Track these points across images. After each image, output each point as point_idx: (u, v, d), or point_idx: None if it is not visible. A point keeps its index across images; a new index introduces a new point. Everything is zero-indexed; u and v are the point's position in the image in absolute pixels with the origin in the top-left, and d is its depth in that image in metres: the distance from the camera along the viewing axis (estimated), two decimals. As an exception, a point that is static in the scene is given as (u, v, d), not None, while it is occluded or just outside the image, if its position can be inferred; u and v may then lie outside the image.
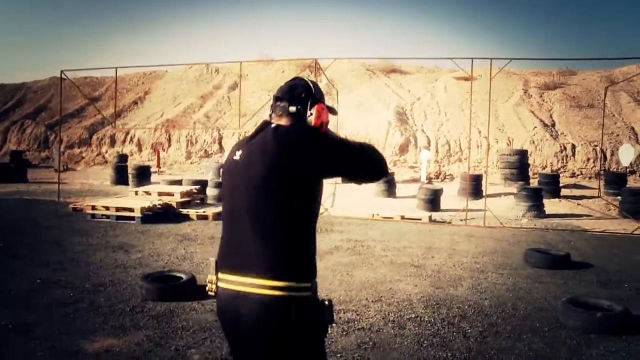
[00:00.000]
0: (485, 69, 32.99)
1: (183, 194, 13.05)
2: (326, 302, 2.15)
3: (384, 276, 7.06)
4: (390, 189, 17.15)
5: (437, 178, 21.80)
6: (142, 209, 11.47)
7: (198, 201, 13.62)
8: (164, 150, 28.22)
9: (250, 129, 21.56)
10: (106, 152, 29.98)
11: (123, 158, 25.67)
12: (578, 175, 21.54)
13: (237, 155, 2.26)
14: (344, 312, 5.57)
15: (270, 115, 2.33)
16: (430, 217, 11.98)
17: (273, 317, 2.05)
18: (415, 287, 6.56)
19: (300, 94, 2.29)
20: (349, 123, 25.92)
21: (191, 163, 27.56)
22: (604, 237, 10.43)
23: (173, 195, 12.98)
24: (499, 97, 27.55)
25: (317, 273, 2.21)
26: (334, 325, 5.02)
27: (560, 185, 19.54)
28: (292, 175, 2.09)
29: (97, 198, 14.33)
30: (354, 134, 25.05)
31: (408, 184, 19.24)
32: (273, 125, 2.22)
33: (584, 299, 5.58)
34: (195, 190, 13.69)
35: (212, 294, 2.27)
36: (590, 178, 21.30)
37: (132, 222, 11.30)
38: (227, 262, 2.20)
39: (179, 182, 16.22)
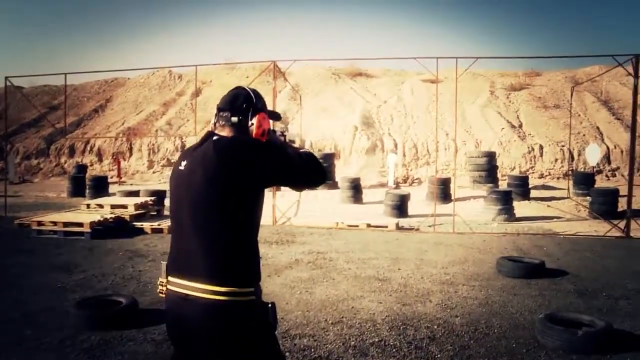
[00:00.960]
0: (451, 70, 32.92)
1: (137, 206, 12.33)
2: (269, 305, 2.25)
3: (346, 293, 6.50)
4: (357, 195, 16.64)
5: (405, 182, 21.38)
6: (92, 224, 10.73)
7: (154, 213, 12.91)
8: (124, 159, 27.28)
9: None
10: (65, 162, 28.86)
11: (81, 169, 24.74)
12: (546, 175, 21.35)
13: (182, 165, 2.33)
14: (299, 338, 4.98)
15: (215, 125, 2.39)
16: (397, 225, 11.47)
17: (216, 321, 2.13)
18: (380, 305, 6.01)
19: (241, 104, 2.35)
20: (314, 128, 25.40)
21: (153, 172, 26.69)
22: (576, 241, 10.05)
23: (127, 207, 12.26)
24: (466, 98, 27.33)
25: (267, 287, 2.31)
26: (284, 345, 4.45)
27: (530, 186, 19.33)
28: (231, 185, 2.17)
29: (49, 212, 13.47)
30: (320, 139, 24.54)
31: (375, 189, 18.76)
32: (215, 138, 2.29)
33: (562, 314, 5.09)
34: (150, 202, 12.98)
35: (162, 295, 2.35)
36: (558, 178, 21.13)
37: (82, 237, 10.56)
38: (175, 266, 2.29)
39: (136, 193, 15.48)
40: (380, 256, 8.62)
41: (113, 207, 12.45)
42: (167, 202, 14.44)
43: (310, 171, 2.37)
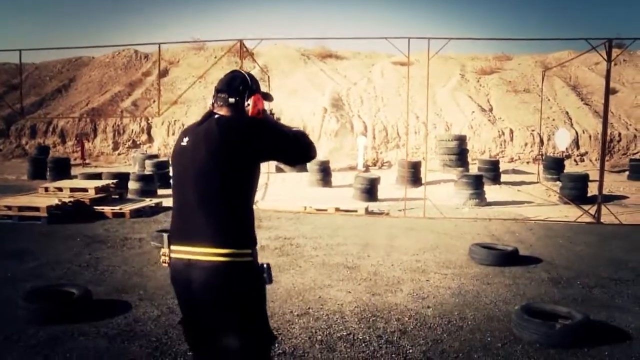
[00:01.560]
0: (423, 53, 32.66)
1: (98, 190, 11.82)
2: (264, 265, 2.50)
3: (313, 281, 6.21)
4: (326, 178, 16.34)
5: (375, 165, 21.16)
6: (49, 208, 10.24)
7: (116, 196, 12.41)
8: (88, 141, 26.47)
9: (180, 116, 20.15)
10: (26, 144, 27.87)
11: (43, 150, 23.89)
12: (516, 160, 21.34)
13: (185, 141, 2.58)
14: (263, 332, 4.67)
15: (213, 105, 2.62)
16: (366, 209, 11.22)
17: (219, 280, 2.39)
18: (349, 295, 5.73)
19: (238, 86, 2.58)
20: (284, 109, 24.96)
21: (119, 154, 25.98)
22: (548, 226, 9.93)
23: (87, 191, 11.75)
24: (437, 82, 27.13)
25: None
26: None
27: (501, 170, 19.28)
28: (231, 159, 2.43)
29: (5, 196, 12.85)
30: (289, 121, 24.12)
31: (345, 172, 18.48)
32: (216, 116, 2.55)
33: (539, 306, 4.88)
34: (113, 185, 12.47)
35: (166, 265, 2.57)
36: (528, 163, 21.14)
37: (38, 222, 10.05)
38: (178, 235, 2.52)
39: (99, 176, 14.93)
40: (349, 242, 8.35)
41: (73, 190, 11.90)
42: (131, 185, 13.98)
43: (303, 147, 2.62)
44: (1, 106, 32.19)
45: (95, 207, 11.09)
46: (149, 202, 12.10)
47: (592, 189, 15.02)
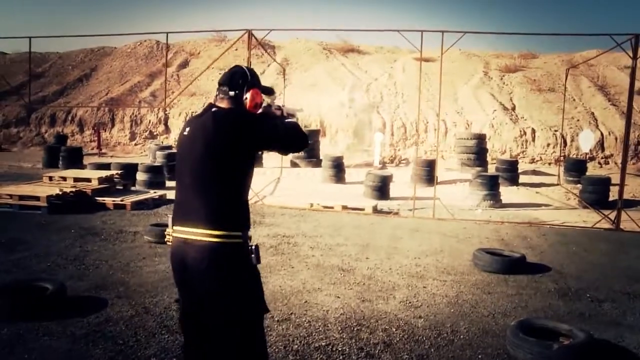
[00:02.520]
0: (446, 51, 32.13)
1: (102, 180, 11.63)
2: (253, 247, 2.73)
3: (302, 284, 5.86)
4: (339, 175, 15.97)
5: (392, 163, 20.71)
6: (49, 198, 10.05)
7: (121, 187, 12.20)
8: (105, 130, 26.45)
9: (198, 108, 20.00)
10: (46, 132, 27.98)
11: (61, 139, 23.91)
12: (538, 161, 20.70)
13: (186, 131, 2.84)
14: (236, 339, 4.34)
15: (215, 98, 2.84)
16: (374, 208, 10.82)
17: (211, 258, 2.64)
18: (337, 300, 5.37)
19: (238, 80, 2.79)
20: (301, 103, 24.62)
21: (135, 145, 25.92)
22: (563, 232, 9.43)
23: (90, 181, 11.56)
24: (459, 79, 26.56)
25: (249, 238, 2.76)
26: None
27: (521, 171, 18.68)
28: (225, 149, 2.67)
29: (14, 183, 12.72)
30: (306, 115, 23.78)
31: (360, 169, 18.05)
32: (214, 109, 2.78)
33: (538, 321, 4.46)
34: (117, 176, 12.26)
35: (169, 243, 2.82)
36: (550, 164, 20.48)
37: (38, 212, 9.87)
38: (179, 217, 2.77)
39: (107, 166, 14.77)
40: (350, 242, 7.98)
41: (76, 180, 11.73)
42: (139, 176, 13.79)
43: (292, 139, 2.85)
44: (25, 94, 32.51)
45: (97, 198, 10.88)
46: (152, 194, 11.88)
47: (614, 193, 14.45)
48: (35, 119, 28.78)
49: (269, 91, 2.95)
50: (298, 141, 2.89)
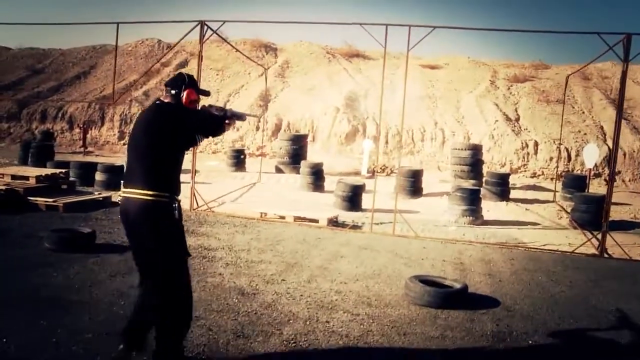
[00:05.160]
0: (454, 58, 30.90)
1: (42, 179, 10.65)
2: (175, 205, 3.57)
3: (176, 313, 4.72)
4: (318, 183, 14.83)
5: (383, 172, 19.51)
6: (-30, 196, 9.09)
7: (65, 187, 11.21)
8: (92, 129, 25.62)
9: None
10: (36, 128, 27.26)
11: (47, 135, 23.24)
12: (539, 175, 19.35)
13: (137, 119, 3.81)
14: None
15: (164, 95, 3.73)
16: (330, 220, 9.66)
17: (144, 212, 3.46)
18: (207, 334, 4.23)
19: (177, 82, 3.70)
20: (296, 107, 23.59)
21: (124, 144, 25.01)
22: (537, 257, 8.16)
23: (29, 179, 10.60)
24: (464, 87, 25.33)
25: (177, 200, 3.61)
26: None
27: (519, 185, 17.39)
28: (160, 132, 3.52)
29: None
30: (298, 119, 22.73)
31: (348, 177, 16.89)
32: (158, 102, 3.70)
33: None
34: (61, 175, 11.28)
35: (119, 201, 3.64)
36: (552, 179, 19.11)
37: (-40, 211, 8.90)
38: (125, 181, 3.59)
39: (66, 165, 13.81)
40: (277, 259, 6.83)
41: (14, 177, 10.81)
42: (98, 176, 12.79)
43: (209, 128, 3.71)
44: (21, 89, 31.94)
45: (30, 198, 9.89)
46: (95, 195, 10.90)
47: (615, 214, 13.13)
48: (26, 114, 28.10)
49: (205, 93, 3.91)
50: (212, 130, 3.75)
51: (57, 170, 11.42)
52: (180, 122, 3.52)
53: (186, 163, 4.48)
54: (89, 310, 4.69)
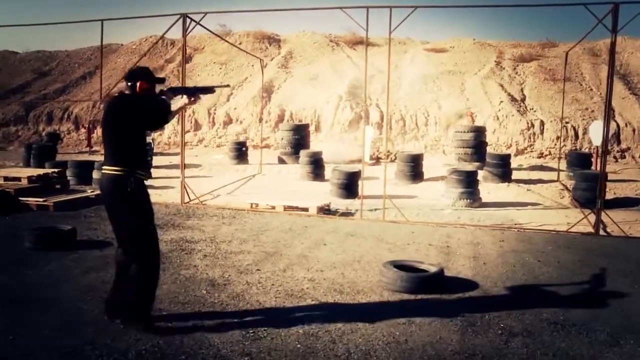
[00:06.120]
0: (459, 40, 30.44)
1: (34, 179, 10.66)
2: (131, 178, 4.13)
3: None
4: (317, 172, 14.68)
5: (387, 158, 19.25)
6: (-40, 198, 9.08)
7: (59, 186, 11.20)
8: (97, 128, 25.67)
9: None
10: (43, 130, 27.43)
11: (53, 137, 23.37)
12: (546, 155, 18.99)
13: (105, 109, 4.43)
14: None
15: (125, 87, 4.29)
16: (320, 208, 9.51)
17: (112, 184, 4.15)
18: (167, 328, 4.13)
19: (133, 75, 4.30)
20: (299, 97, 23.42)
21: (129, 142, 25.06)
22: (529, 237, 7.94)
23: (21, 180, 10.60)
24: (469, 69, 24.94)
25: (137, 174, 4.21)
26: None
27: (525, 166, 17.09)
28: (118, 118, 4.18)
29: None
30: (301, 109, 22.57)
31: (352, 165, 16.72)
32: (119, 93, 4.49)
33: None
34: (55, 174, 11.27)
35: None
36: (560, 159, 18.77)
37: (-50, 212, 8.91)
38: (103, 161, 4.29)
39: (64, 164, 13.84)
40: (257, 249, 6.71)
41: (6, 179, 10.84)
42: (96, 174, 12.77)
43: (159, 116, 4.37)
44: (28, 92, 32.14)
45: (21, 198, 9.87)
46: (89, 193, 10.85)
47: (616, 190, 12.84)
48: (33, 117, 28.31)
49: (160, 80, 4.48)
50: (160, 116, 4.37)
51: (50, 170, 11.42)
52: (135, 110, 4.18)
53: (191, 157, 4.70)
54: (52, 307, 4.62)
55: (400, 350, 3.85)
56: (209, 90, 4.66)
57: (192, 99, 4.45)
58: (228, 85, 6.32)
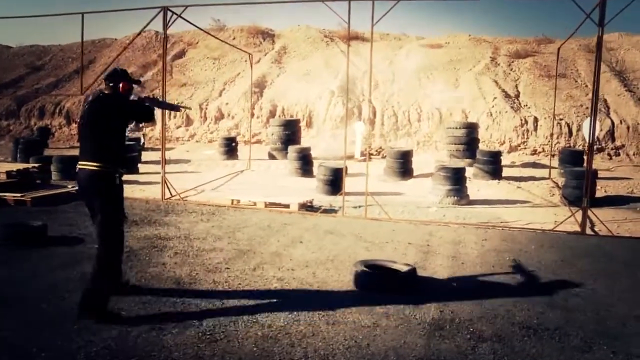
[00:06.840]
0: (455, 36, 30.21)
1: (12, 174, 10.46)
2: (117, 175, 4.45)
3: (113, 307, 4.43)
4: (306, 167, 14.51)
5: (379, 154, 19.11)
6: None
7: (39, 181, 11.02)
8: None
9: (185, 99, 18.59)
10: (35, 124, 27.21)
11: (44, 132, 23.24)
12: (540, 152, 18.80)
13: (86, 105, 4.57)
14: None
15: (105, 87, 4.54)
16: (301, 205, 9.32)
17: (91, 179, 4.37)
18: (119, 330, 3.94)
19: (114, 76, 4.56)
20: (291, 92, 23.21)
21: (121, 137, 24.83)
22: (513, 236, 7.75)
23: None
24: (464, 65, 24.73)
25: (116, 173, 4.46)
26: None
27: (518, 163, 16.89)
28: (99, 117, 4.39)
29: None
30: (293, 104, 22.37)
31: (327, 161, 16.51)
32: (101, 94, 4.53)
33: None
34: (35, 169, 11.08)
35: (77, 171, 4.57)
36: (553, 156, 18.59)
37: None
38: (80, 156, 4.46)
39: (49, 159, 13.68)
40: (229, 247, 6.53)
41: (-14, 174, 10.63)
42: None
43: (141, 114, 4.76)
44: (20, 87, 31.90)
45: (-2, 194, 9.68)
46: (69, 188, 10.65)
47: (610, 188, 12.68)
48: (25, 111, 28.04)
49: (137, 82, 4.77)
50: (144, 116, 4.79)
51: (30, 165, 11.22)
52: (118, 109, 4.46)
53: (182, 153, 4.33)
54: (14, 306, 4.45)
55: (360, 355, 3.67)
56: (175, 108, 5.80)
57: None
58: (190, 108, 9.73)
